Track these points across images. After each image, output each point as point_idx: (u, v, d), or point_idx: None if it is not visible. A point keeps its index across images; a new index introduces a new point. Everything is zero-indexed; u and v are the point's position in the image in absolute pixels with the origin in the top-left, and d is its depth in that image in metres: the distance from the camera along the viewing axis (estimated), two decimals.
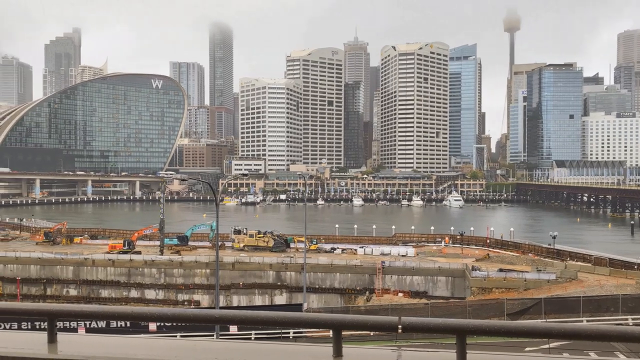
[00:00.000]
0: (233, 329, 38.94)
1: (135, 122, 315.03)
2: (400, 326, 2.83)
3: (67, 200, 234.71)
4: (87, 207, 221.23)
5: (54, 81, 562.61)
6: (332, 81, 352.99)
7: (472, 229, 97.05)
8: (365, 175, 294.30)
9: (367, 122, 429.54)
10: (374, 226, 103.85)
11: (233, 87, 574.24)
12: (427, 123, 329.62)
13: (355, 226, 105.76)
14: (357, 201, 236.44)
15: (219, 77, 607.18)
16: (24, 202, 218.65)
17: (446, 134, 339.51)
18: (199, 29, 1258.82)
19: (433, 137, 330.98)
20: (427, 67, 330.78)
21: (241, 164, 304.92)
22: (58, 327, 3.18)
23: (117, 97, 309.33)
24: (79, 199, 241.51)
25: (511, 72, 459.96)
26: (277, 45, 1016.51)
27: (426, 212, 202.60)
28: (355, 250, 76.32)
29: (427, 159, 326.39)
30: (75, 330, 42.35)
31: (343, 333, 2.99)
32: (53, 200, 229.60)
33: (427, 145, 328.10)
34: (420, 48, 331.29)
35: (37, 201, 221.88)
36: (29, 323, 39.91)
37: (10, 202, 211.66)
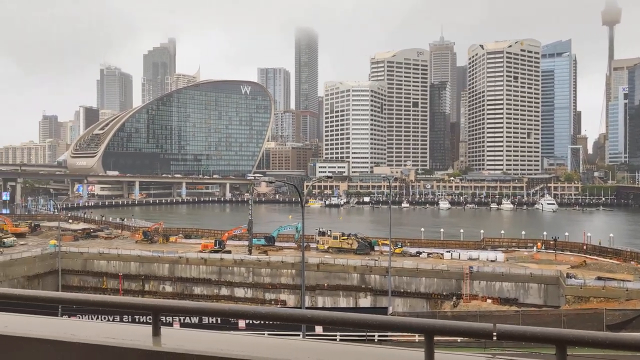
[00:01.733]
0: (318, 329, 39.52)
1: (225, 126, 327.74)
2: (495, 333, 2.70)
3: (163, 201, 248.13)
4: (182, 207, 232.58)
5: (151, 89, 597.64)
6: (417, 82, 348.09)
7: (566, 234, 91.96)
8: (452, 178, 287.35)
9: (454, 123, 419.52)
10: (461, 230, 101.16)
11: (318, 91, 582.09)
12: (517, 123, 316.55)
13: (442, 230, 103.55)
14: (444, 204, 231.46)
15: (304, 82, 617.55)
16: (125, 202, 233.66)
17: (538, 134, 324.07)
18: (285, 35, 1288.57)
19: (524, 137, 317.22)
20: (517, 66, 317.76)
21: (325, 167, 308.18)
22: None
23: (209, 103, 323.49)
24: (174, 200, 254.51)
25: (610, 68, 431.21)
26: (361, 48, 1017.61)
27: (517, 216, 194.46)
28: (442, 254, 74.74)
29: (517, 160, 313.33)
30: (170, 324, 44.83)
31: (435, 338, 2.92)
32: (151, 201, 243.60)
33: (517, 147, 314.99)
34: (510, 46, 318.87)
35: (136, 202, 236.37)
36: (129, 317, 42.71)
37: (113, 203, 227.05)
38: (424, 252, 76.82)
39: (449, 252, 75.35)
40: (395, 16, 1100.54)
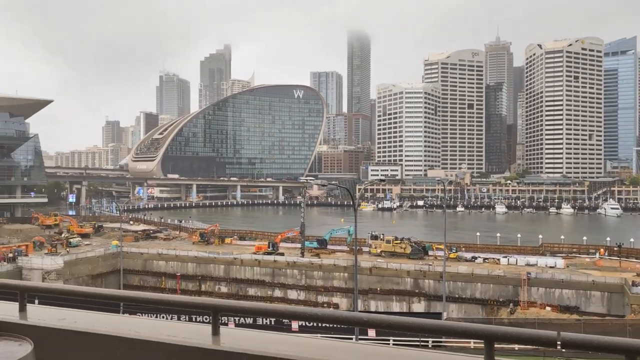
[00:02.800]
0: (371, 333, 39.47)
1: (278, 130, 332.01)
2: (559, 342, 2.58)
3: (219, 203, 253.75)
4: (236, 210, 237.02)
5: (208, 94, 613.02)
6: (472, 83, 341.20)
7: (632, 240, 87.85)
8: (508, 181, 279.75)
9: (511, 124, 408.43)
10: (519, 235, 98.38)
11: (370, 94, 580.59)
12: (577, 125, 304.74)
13: (498, 234, 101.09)
14: (500, 208, 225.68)
15: (357, 85, 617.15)
16: (183, 205, 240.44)
17: (600, 136, 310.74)
18: (337, 38, 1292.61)
19: (585, 139, 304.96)
20: (577, 65, 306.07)
21: (378, 170, 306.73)
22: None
23: (263, 108, 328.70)
24: (229, 203, 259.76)
25: None
26: (414, 50, 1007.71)
27: (577, 221, 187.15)
28: (498, 259, 73.00)
29: (578, 163, 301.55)
30: (225, 324, 45.87)
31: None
32: (207, 204, 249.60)
33: (578, 149, 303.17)
34: (570, 45, 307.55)
35: (193, 204, 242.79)
36: (186, 316, 44.00)
37: (172, 205, 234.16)
38: (479, 257, 75.25)
39: (506, 257, 73.51)
40: (449, 17, 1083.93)
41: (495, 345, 2.73)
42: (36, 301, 4.26)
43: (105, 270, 76.65)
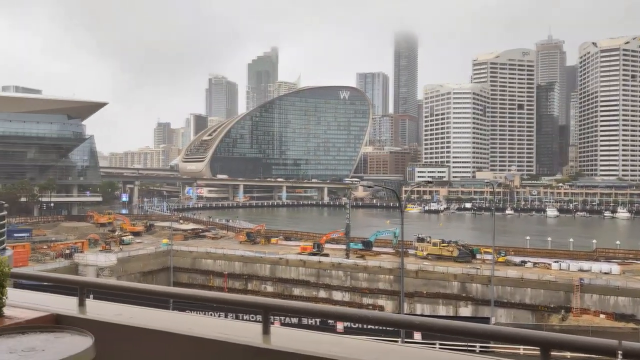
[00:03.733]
0: (416, 336, 39.06)
1: (324, 131, 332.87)
2: (620, 352, 2.45)
3: (265, 204, 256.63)
4: (282, 210, 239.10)
5: (255, 96, 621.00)
6: (523, 83, 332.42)
7: None
8: (560, 184, 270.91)
9: (563, 125, 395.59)
10: (571, 239, 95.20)
11: (417, 94, 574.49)
12: (635, 125, 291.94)
13: (549, 239, 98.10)
14: (552, 211, 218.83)
15: (403, 85, 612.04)
16: (230, 205, 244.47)
17: None
18: (384, 39, 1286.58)
19: None
20: (635, 64, 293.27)
21: (424, 171, 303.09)
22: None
23: (309, 109, 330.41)
24: (274, 203, 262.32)
25: None
26: (462, 50, 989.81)
27: (634, 226, 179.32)
28: (549, 264, 70.89)
29: (635, 165, 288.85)
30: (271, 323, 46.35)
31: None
32: (254, 204, 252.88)
33: (635, 151, 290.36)
34: (627, 42, 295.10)
35: (240, 204, 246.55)
36: (233, 314, 44.75)
37: (219, 205, 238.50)
38: (529, 261, 73.33)
39: (557, 262, 71.30)
40: (498, 16, 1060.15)
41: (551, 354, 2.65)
42: (91, 296, 4.46)
43: (155, 268, 78.82)
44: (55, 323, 3.71)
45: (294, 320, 45.81)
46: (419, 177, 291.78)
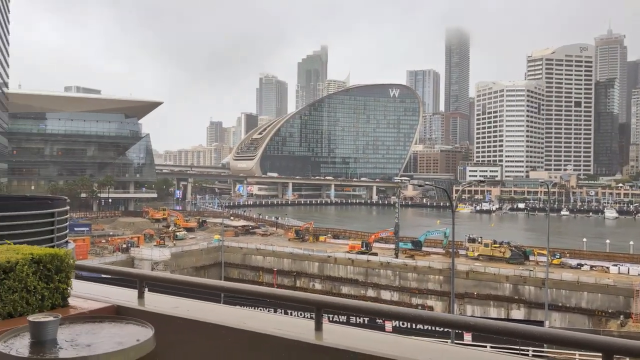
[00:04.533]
0: (467, 337, 38.39)
1: (373, 130, 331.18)
2: None
3: (313, 202, 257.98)
4: (330, 209, 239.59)
5: (304, 95, 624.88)
6: (580, 80, 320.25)
7: None
8: (620, 184, 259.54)
9: (623, 123, 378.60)
10: (631, 242, 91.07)
11: (469, 92, 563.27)
12: None
13: (608, 241, 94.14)
14: (610, 213, 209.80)
15: (454, 83, 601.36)
16: (279, 202, 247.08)
17: None
18: (435, 35, 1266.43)
19: None
20: None
21: (476, 170, 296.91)
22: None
23: (358, 108, 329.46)
24: (323, 201, 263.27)
25: None
26: (516, 46, 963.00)
27: None
28: (607, 268, 68.13)
29: None
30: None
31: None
32: (302, 202, 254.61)
33: None
34: None
35: (289, 202, 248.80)
36: (282, 310, 45.18)
37: (269, 202, 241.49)
38: (585, 264, 70.70)
39: (616, 265, 68.47)
40: (554, 11, 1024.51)
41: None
42: (145, 289, 4.65)
43: (207, 263, 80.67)
44: (115, 314, 3.92)
45: (342, 318, 45.88)
46: (470, 176, 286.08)
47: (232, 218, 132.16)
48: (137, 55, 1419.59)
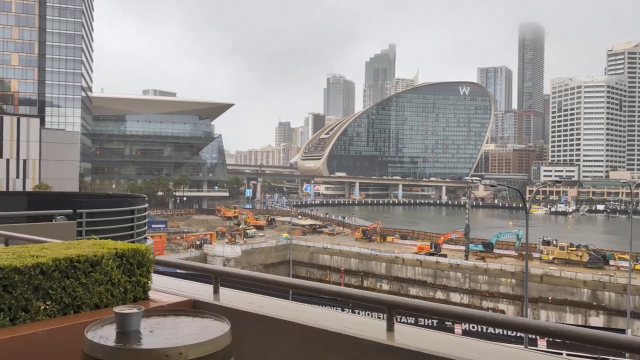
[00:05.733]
0: (541, 343, 36.94)
1: (442, 129, 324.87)
2: None
3: (380, 202, 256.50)
4: (397, 209, 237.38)
5: (371, 94, 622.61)
6: None
7: None
8: None
9: None
10: None
11: (543, 89, 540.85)
12: None
13: None
14: None
15: (528, 80, 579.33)
16: (346, 202, 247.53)
17: None
18: (507, 31, 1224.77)
19: None
20: None
21: (551, 170, 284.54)
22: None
23: (427, 106, 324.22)
24: (390, 201, 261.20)
25: None
26: (594, 40, 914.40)
27: None
28: None
29: None
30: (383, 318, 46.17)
31: None
32: (369, 202, 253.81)
33: None
34: None
35: (355, 202, 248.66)
36: (349, 309, 45.23)
37: (336, 202, 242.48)
38: None
39: None
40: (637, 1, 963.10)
41: None
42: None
43: (276, 261, 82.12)
44: (192, 308, 4.10)
45: (410, 320, 45.35)
46: (544, 176, 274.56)
47: (299, 217, 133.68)
48: (208, 56, 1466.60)
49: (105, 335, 2.53)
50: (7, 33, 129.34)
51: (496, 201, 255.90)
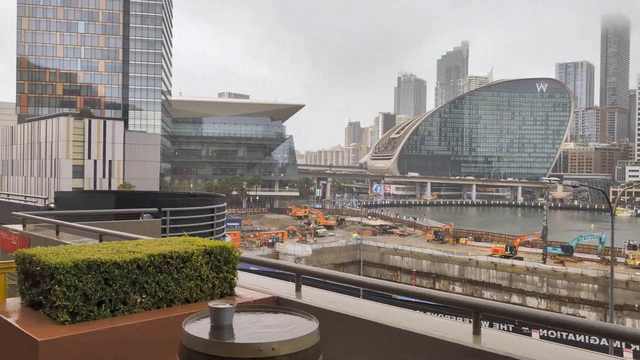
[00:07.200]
0: (627, 355, 34.88)
1: (518, 127, 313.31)
2: None
3: (452, 202, 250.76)
4: (471, 210, 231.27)
5: (444, 93, 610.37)
6: None
7: None
8: None
9: None
10: None
11: (629, 84, 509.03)
12: None
13: None
14: None
15: (612, 74, 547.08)
16: (417, 202, 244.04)
17: None
18: (588, 24, 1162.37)
19: None
20: None
21: (637, 170, 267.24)
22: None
23: (501, 104, 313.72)
24: (463, 202, 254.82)
25: None
26: None
27: None
28: None
29: None
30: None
31: None
32: (441, 202, 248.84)
33: None
34: None
35: (427, 202, 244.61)
36: (429, 311, 44.52)
37: (407, 202, 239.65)
38: None
39: None
40: None
41: None
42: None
43: (346, 260, 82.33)
44: (276, 304, 4.21)
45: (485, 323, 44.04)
46: (630, 176, 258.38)
47: (369, 217, 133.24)
48: (278, 56, 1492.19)
49: (201, 328, 2.64)
50: (95, 41, 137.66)
51: (576, 202, 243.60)
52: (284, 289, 4.67)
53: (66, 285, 3.53)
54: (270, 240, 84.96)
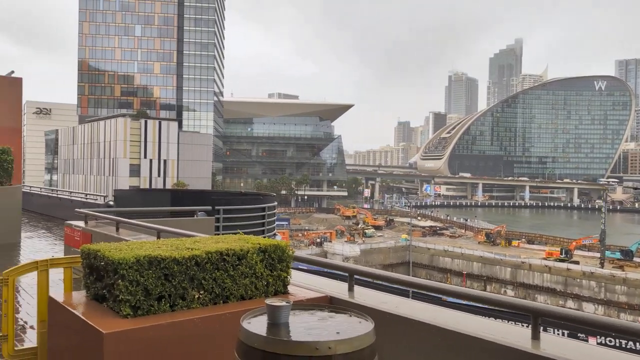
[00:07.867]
0: None
1: (574, 127, 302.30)
2: None
3: (505, 204, 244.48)
4: (524, 212, 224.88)
5: (496, 92, 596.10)
6: None
7: None
8: None
9: None
10: None
11: None
12: None
13: None
14: None
15: None
16: (468, 203, 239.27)
17: None
18: None
19: None
20: None
21: None
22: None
23: (557, 103, 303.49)
24: (516, 204, 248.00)
25: None
26: None
27: None
28: None
29: None
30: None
31: None
32: (493, 204, 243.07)
33: None
34: None
35: (479, 203, 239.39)
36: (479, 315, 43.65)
37: (457, 203, 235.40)
38: None
39: None
40: None
41: None
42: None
43: (395, 262, 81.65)
44: (329, 304, 4.24)
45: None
46: None
47: (419, 218, 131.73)
48: (326, 55, 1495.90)
49: (258, 325, 2.67)
50: (151, 44, 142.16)
51: (637, 205, 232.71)
52: (337, 288, 4.69)
53: (129, 280, 3.68)
54: (318, 240, 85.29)
